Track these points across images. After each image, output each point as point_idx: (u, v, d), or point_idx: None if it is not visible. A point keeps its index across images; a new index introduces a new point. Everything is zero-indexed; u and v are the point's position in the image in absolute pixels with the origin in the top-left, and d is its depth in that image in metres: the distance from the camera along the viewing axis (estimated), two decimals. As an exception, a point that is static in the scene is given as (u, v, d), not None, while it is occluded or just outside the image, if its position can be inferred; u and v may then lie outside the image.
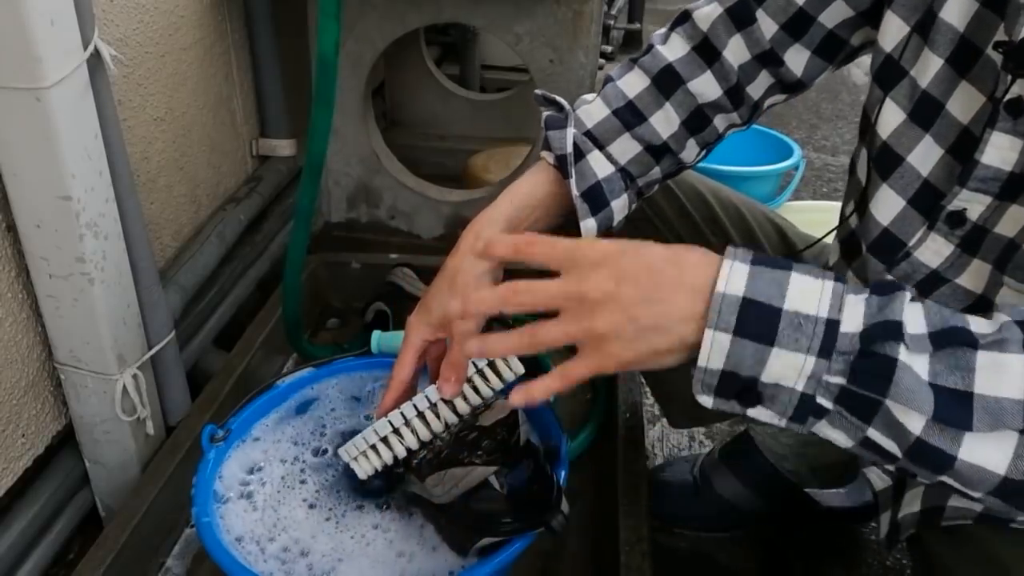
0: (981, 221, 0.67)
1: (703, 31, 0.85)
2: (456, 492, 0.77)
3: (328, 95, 1.02)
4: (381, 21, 1.52)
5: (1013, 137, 0.63)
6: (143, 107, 1.25)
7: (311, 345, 1.38)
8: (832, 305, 0.52)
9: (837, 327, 0.51)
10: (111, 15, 1.15)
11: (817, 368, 0.52)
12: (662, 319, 0.55)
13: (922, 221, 0.71)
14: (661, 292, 0.55)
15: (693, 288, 0.54)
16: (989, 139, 0.64)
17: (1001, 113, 0.63)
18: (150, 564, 1.05)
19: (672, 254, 0.57)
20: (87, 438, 1.10)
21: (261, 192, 1.59)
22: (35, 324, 1.03)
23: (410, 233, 1.74)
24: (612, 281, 0.56)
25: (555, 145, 0.85)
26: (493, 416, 0.80)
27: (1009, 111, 0.63)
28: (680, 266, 0.56)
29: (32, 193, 0.92)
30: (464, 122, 2.22)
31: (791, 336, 0.52)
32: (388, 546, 0.83)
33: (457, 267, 0.81)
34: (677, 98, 0.86)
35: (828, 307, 0.52)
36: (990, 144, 0.64)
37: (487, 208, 0.84)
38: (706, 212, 0.97)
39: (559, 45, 1.51)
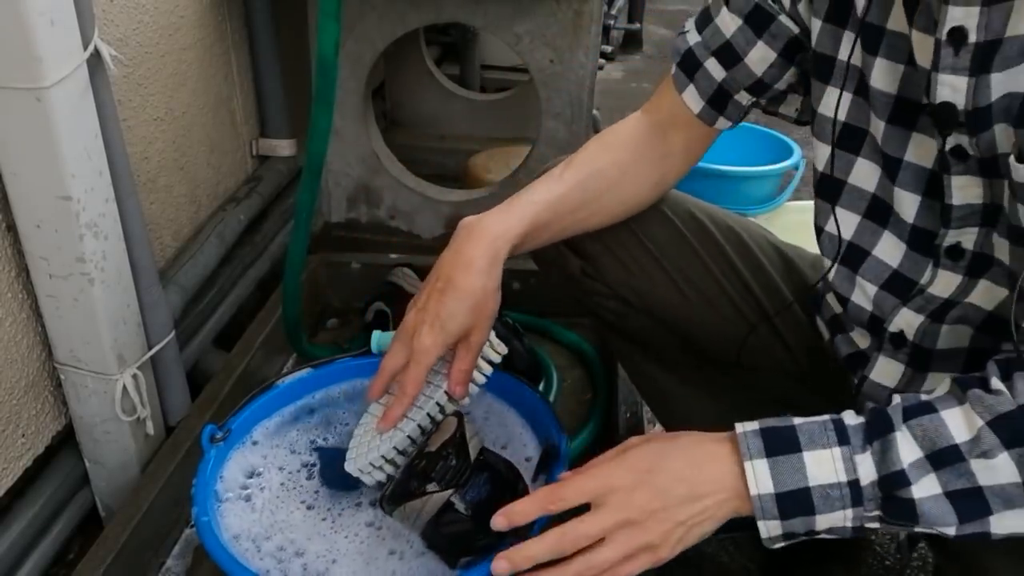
0: (978, 248, 0.72)
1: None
2: (422, 522, 0.78)
3: (328, 95, 1.03)
4: (381, 21, 1.52)
5: (970, 176, 0.69)
6: (143, 107, 1.25)
7: (311, 345, 1.38)
8: (847, 468, 0.63)
9: (859, 485, 0.62)
10: (111, 15, 1.15)
11: (856, 514, 0.63)
12: (706, 514, 0.66)
13: (926, 260, 0.76)
14: (698, 489, 0.66)
15: (724, 481, 0.66)
16: (951, 184, 0.70)
17: (950, 159, 0.69)
18: (150, 564, 1.05)
19: (691, 459, 0.67)
20: (87, 438, 1.10)
21: (261, 192, 1.59)
22: (35, 324, 1.03)
23: (410, 233, 1.74)
24: (652, 499, 0.66)
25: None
26: (440, 438, 0.80)
27: (956, 157, 0.69)
28: (701, 468, 0.66)
29: (32, 193, 0.92)
30: (464, 122, 2.22)
31: (826, 503, 0.63)
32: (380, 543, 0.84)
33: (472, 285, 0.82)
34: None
35: (845, 471, 0.63)
36: (953, 187, 0.70)
37: (485, 218, 0.85)
38: (703, 236, 0.97)
39: (559, 45, 1.51)
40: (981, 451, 0.59)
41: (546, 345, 1.51)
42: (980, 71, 0.64)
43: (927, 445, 0.61)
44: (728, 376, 1.01)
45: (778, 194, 2.02)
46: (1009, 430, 0.59)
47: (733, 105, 0.89)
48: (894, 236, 0.78)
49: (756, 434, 0.65)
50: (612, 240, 0.96)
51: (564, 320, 1.54)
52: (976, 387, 0.62)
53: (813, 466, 0.63)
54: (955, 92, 0.66)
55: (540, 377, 1.39)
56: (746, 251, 0.97)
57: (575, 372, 1.47)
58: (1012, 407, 0.60)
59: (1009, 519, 0.60)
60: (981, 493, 0.60)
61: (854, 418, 0.65)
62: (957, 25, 0.64)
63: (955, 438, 0.61)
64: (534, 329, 1.52)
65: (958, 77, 0.65)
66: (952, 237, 0.72)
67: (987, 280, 0.73)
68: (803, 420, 0.66)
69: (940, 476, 0.61)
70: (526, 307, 1.52)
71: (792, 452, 0.64)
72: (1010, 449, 0.59)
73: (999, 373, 0.62)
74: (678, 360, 1.03)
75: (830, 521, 0.64)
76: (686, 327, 0.98)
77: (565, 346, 1.52)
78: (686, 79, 0.89)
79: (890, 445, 0.62)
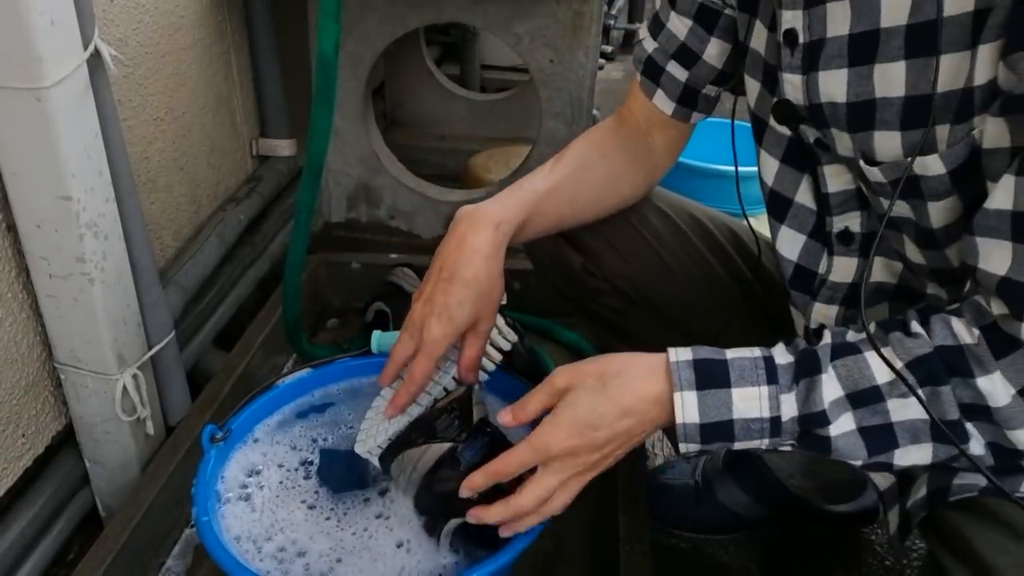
0: (866, 230, 0.77)
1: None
2: (417, 476, 0.78)
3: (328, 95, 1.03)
4: (381, 22, 1.52)
5: (837, 164, 0.74)
6: (143, 107, 1.25)
7: (311, 345, 1.38)
8: (771, 407, 0.65)
9: (780, 421, 0.65)
10: (111, 15, 1.15)
11: (772, 443, 0.67)
12: (638, 434, 0.71)
13: (821, 248, 0.81)
14: (635, 429, 0.70)
15: (655, 403, 0.69)
16: (823, 172, 0.76)
17: (816, 150, 0.74)
18: (150, 564, 1.05)
19: (622, 405, 0.69)
20: (87, 438, 1.10)
21: (261, 192, 1.59)
22: (35, 324, 1.03)
23: (410, 233, 1.74)
24: (592, 453, 0.71)
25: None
26: (447, 396, 0.83)
27: (820, 148, 0.74)
28: (634, 412, 0.69)
29: (32, 193, 0.92)
30: (464, 122, 2.22)
31: (746, 433, 0.66)
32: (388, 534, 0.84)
33: (476, 272, 0.82)
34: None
35: (768, 409, 0.65)
36: (826, 176, 0.76)
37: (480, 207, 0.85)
38: (700, 231, 1.00)
39: (559, 45, 1.51)
40: (900, 392, 0.63)
41: (546, 345, 1.51)
42: (809, 69, 0.69)
43: (849, 384, 0.64)
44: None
45: (778, 194, 2.02)
46: (925, 370, 0.62)
47: (703, 99, 0.93)
48: (792, 230, 0.82)
49: (689, 365, 0.67)
50: (612, 235, 0.98)
51: (564, 320, 1.54)
52: (898, 330, 0.65)
53: (739, 401, 0.66)
54: (795, 89, 0.72)
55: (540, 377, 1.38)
56: (741, 245, 1.01)
57: (575, 372, 1.47)
58: (928, 350, 0.62)
59: (912, 453, 0.64)
60: (891, 428, 0.64)
61: (784, 356, 0.67)
62: (789, 27, 0.70)
63: (876, 379, 0.63)
64: (534, 329, 1.52)
65: (795, 75, 0.71)
66: (839, 223, 0.77)
67: (882, 256, 0.77)
68: (735, 354, 0.68)
69: (856, 414, 0.64)
70: (526, 307, 1.53)
71: (721, 387, 0.66)
72: (923, 387, 0.62)
73: (918, 318, 0.65)
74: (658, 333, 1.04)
75: (746, 445, 0.67)
76: (685, 324, 0.99)
77: (565, 346, 1.52)
78: (653, 84, 0.93)
79: (814, 386, 0.64)
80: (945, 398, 0.62)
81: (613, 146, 0.95)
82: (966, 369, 0.61)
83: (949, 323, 0.63)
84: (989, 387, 0.61)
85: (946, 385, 0.62)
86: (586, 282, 1.01)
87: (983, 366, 0.61)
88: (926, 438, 0.63)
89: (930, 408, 0.62)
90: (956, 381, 0.62)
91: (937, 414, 0.62)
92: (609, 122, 0.98)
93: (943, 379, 0.62)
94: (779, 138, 0.79)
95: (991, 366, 0.60)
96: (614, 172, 0.94)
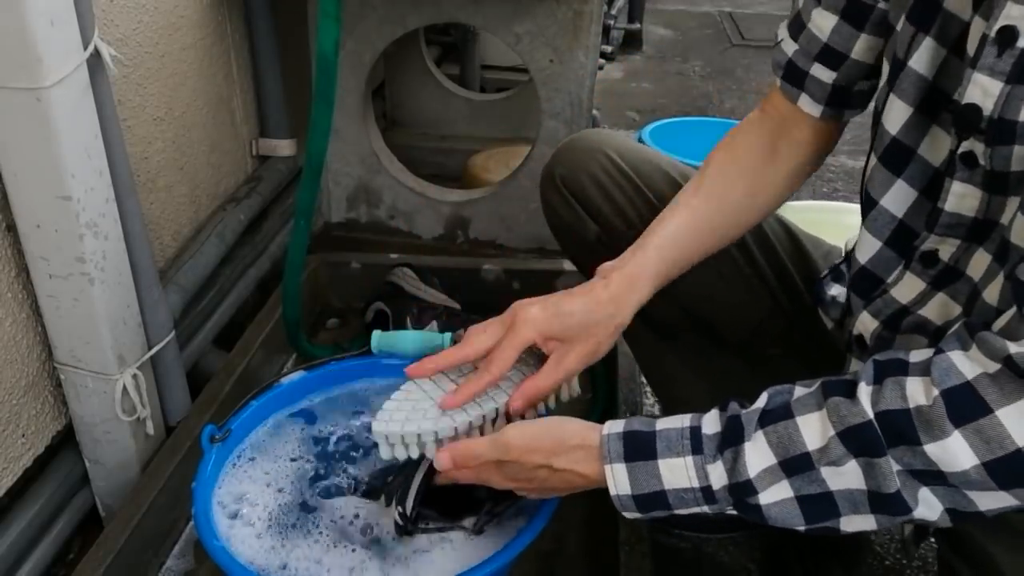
0: (952, 262, 0.70)
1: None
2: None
3: (328, 95, 1.03)
4: (381, 21, 1.52)
5: (970, 186, 0.65)
6: (143, 107, 1.25)
7: (311, 345, 1.38)
8: (699, 476, 0.66)
9: (711, 490, 0.66)
10: (111, 15, 1.15)
11: (712, 509, 0.67)
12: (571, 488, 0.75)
13: (898, 260, 0.75)
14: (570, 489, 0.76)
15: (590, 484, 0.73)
16: (950, 188, 0.67)
17: (957, 164, 0.65)
18: (150, 564, 1.05)
19: (562, 479, 0.73)
20: (87, 438, 1.10)
21: (261, 192, 1.58)
22: (35, 324, 1.03)
23: (410, 233, 1.74)
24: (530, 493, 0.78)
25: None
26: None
27: (964, 163, 0.65)
28: (572, 486, 0.74)
29: (32, 193, 0.92)
30: (464, 122, 2.22)
31: (681, 502, 0.67)
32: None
33: (619, 303, 0.82)
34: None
35: (697, 479, 0.66)
36: (951, 193, 0.67)
37: (632, 255, 0.84)
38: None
39: (559, 45, 1.51)
40: (829, 460, 0.61)
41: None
42: (1018, 80, 0.58)
43: (780, 452, 0.63)
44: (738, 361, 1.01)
45: (778, 194, 2.02)
46: (857, 441, 0.60)
47: (857, 96, 0.85)
48: (869, 233, 0.77)
49: (618, 438, 0.70)
50: (631, 209, 0.97)
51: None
52: (838, 394, 0.63)
53: (667, 472, 0.67)
54: (986, 96, 0.60)
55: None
56: (759, 231, 0.97)
57: (575, 372, 1.47)
58: (863, 420, 0.60)
59: (856, 520, 0.63)
60: (831, 497, 0.62)
61: (713, 424, 0.67)
62: (1010, 24, 0.58)
63: (807, 445, 0.62)
64: (534, 329, 1.52)
65: (994, 80, 0.60)
66: (932, 243, 0.71)
67: (945, 294, 0.72)
68: (665, 424, 0.69)
69: (792, 482, 0.63)
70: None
71: (648, 459, 0.68)
72: (858, 458, 0.60)
73: (872, 376, 0.62)
74: (687, 341, 1.03)
75: (689, 510, 0.68)
76: (698, 303, 0.98)
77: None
78: (795, 89, 0.86)
79: (738, 455, 0.64)
80: (881, 470, 0.59)
81: (754, 165, 0.88)
82: (910, 436, 0.58)
83: (902, 384, 0.60)
84: (939, 453, 0.57)
85: (882, 456, 0.59)
86: (600, 253, 0.99)
87: (931, 432, 0.57)
88: (865, 508, 0.62)
89: (866, 479, 0.60)
90: (899, 450, 0.59)
91: (873, 486, 0.60)
92: (751, 129, 0.91)
93: (879, 450, 0.59)
94: (883, 135, 0.73)
95: (944, 429, 0.57)
96: (753, 188, 0.88)
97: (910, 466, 0.59)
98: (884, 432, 0.59)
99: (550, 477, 0.73)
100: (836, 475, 0.61)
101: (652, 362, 1.12)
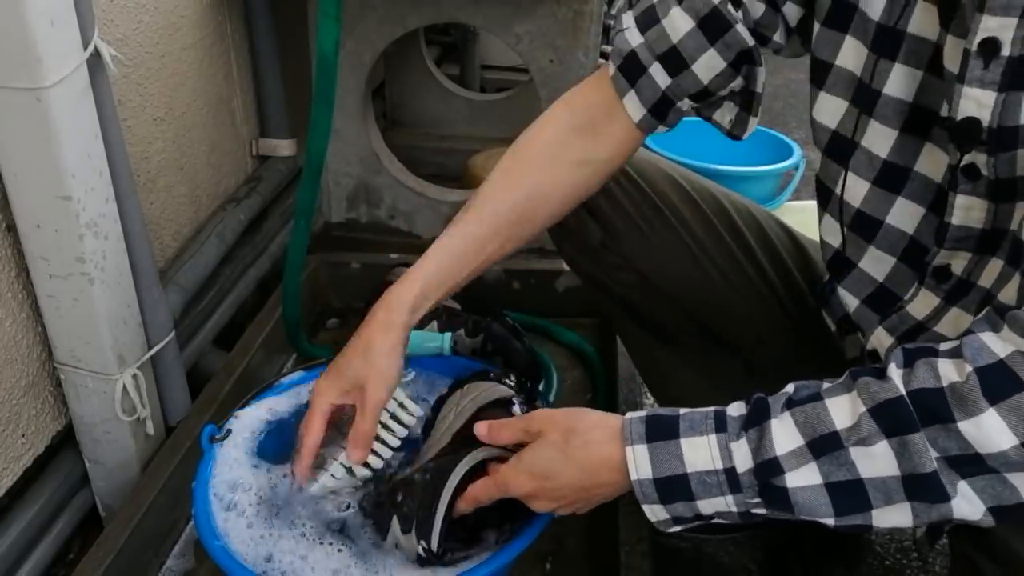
0: (965, 275, 0.70)
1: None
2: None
3: (328, 95, 1.03)
4: (381, 21, 1.52)
5: (975, 198, 0.66)
6: (143, 107, 1.25)
7: (311, 345, 1.38)
8: (723, 456, 0.63)
9: (735, 472, 0.63)
10: (111, 15, 1.15)
11: (737, 501, 0.64)
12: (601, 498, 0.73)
13: (913, 276, 0.75)
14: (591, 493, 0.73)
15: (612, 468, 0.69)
16: (954, 202, 0.67)
17: (960, 177, 0.66)
18: (150, 564, 1.05)
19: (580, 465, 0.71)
20: (87, 438, 1.10)
21: (261, 192, 1.58)
22: (35, 324, 1.03)
23: (410, 233, 1.74)
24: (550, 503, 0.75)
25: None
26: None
27: (966, 176, 0.65)
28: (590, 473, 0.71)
29: (32, 193, 0.92)
30: (464, 122, 2.22)
31: (704, 489, 0.64)
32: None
33: (370, 339, 0.86)
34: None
35: (720, 459, 0.64)
36: (956, 207, 0.67)
37: (397, 283, 0.89)
38: (724, 218, 0.97)
39: (559, 45, 1.51)
40: (859, 438, 0.59)
41: (546, 345, 1.51)
42: (1011, 87, 0.59)
43: (808, 432, 0.61)
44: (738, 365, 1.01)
45: (778, 194, 2.02)
46: (889, 417, 0.58)
47: (674, 112, 0.85)
48: (880, 250, 0.77)
49: (641, 421, 0.68)
50: (636, 213, 0.96)
51: (564, 320, 1.54)
52: (868, 376, 0.61)
53: (690, 452, 0.64)
54: (981, 107, 0.61)
55: (540, 377, 1.39)
56: (764, 237, 0.98)
57: (575, 372, 1.47)
58: (895, 395, 0.58)
59: (891, 514, 0.60)
60: (862, 486, 0.59)
61: (738, 408, 0.66)
62: (990, 36, 0.59)
63: (836, 424, 0.60)
64: (534, 329, 1.52)
65: (986, 92, 0.61)
66: (943, 258, 0.71)
67: (959, 308, 0.72)
68: (690, 410, 0.67)
69: (821, 465, 0.60)
70: (526, 307, 1.52)
71: (670, 438, 0.66)
72: (890, 438, 0.58)
73: (902, 360, 0.61)
74: (688, 344, 1.03)
75: (713, 507, 0.65)
76: (703, 308, 0.98)
77: (565, 346, 1.52)
78: (627, 84, 0.84)
79: (764, 432, 0.62)
80: (915, 448, 0.57)
81: (543, 165, 0.87)
82: (944, 413, 0.56)
83: (934, 364, 0.58)
84: (974, 432, 0.55)
85: (917, 433, 0.57)
86: (603, 256, 0.99)
87: (966, 408, 0.55)
88: (900, 496, 0.59)
89: (899, 461, 0.58)
90: (934, 430, 0.57)
91: (907, 468, 0.58)
92: (552, 119, 0.89)
93: (912, 426, 0.57)
94: (871, 158, 0.74)
95: (979, 405, 0.55)
96: (540, 199, 0.88)
97: (946, 451, 0.57)
98: (917, 409, 0.57)
99: (571, 460, 0.71)
100: (867, 458, 0.59)
101: (650, 365, 1.12)
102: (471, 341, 1.31)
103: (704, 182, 1.00)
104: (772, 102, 2.01)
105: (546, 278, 1.56)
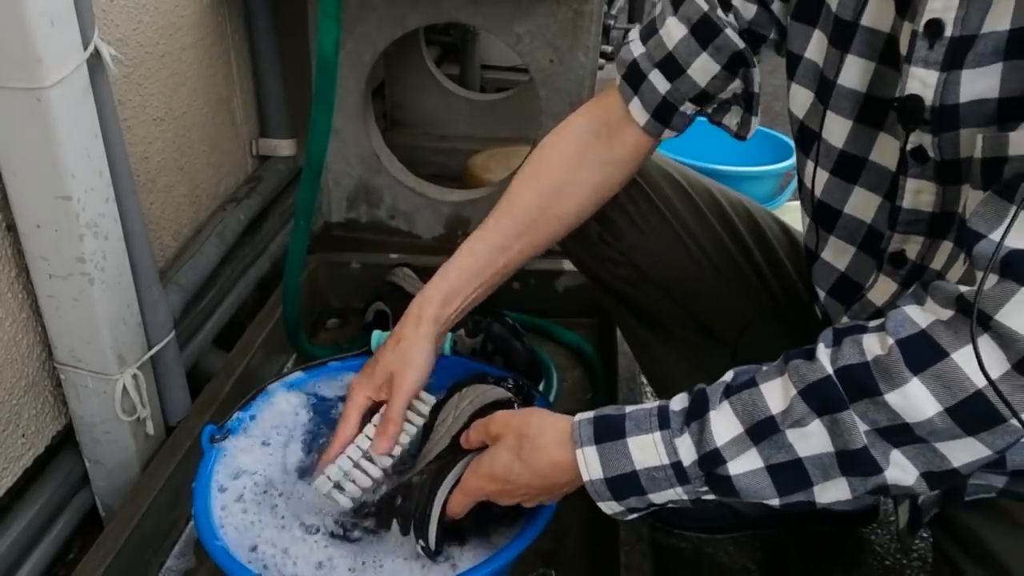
0: (919, 259, 0.72)
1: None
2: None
3: (328, 95, 1.03)
4: (381, 21, 1.51)
5: (924, 181, 0.68)
6: (143, 107, 1.25)
7: (311, 345, 1.38)
8: (668, 452, 0.66)
9: (682, 466, 0.66)
10: (111, 15, 1.15)
11: (687, 491, 0.67)
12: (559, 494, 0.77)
13: (873, 264, 0.77)
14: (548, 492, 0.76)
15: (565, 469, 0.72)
16: (905, 185, 0.69)
17: (909, 160, 0.68)
18: (150, 564, 1.05)
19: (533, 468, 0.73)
20: (87, 438, 1.10)
21: (261, 192, 1.58)
22: (35, 324, 1.03)
23: (410, 233, 1.74)
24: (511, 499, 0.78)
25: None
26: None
27: (915, 158, 0.67)
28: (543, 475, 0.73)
29: (32, 193, 0.92)
30: (464, 122, 2.22)
31: (654, 484, 0.67)
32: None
33: (401, 333, 0.89)
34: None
35: (666, 454, 0.66)
36: (907, 190, 0.69)
37: (428, 284, 0.91)
38: (719, 212, 0.99)
39: (559, 45, 1.51)
40: (793, 420, 0.61)
41: (546, 345, 1.51)
42: (952, 66, 0.62)
43: (746, 419, 0.63)
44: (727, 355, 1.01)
45: (778, 194, 2.02)
46: (819, 397, 0.60)
47: (678, 116, 0.89)
48: (840, 240, 0.79)
49: (589, 422, 0.70)
50: (632, 208, 0.98)
51: (564, 320, 1.54)
52: (799, 358, 0.63)
53: (637, 451, 0.67)
54: (924, 86, 0.64)
55: (540, 377, 1.39)
56: (756, 229, 1.00)
57: (575, 372, 1.47)
58: (822, 375, 0.60)
59: (830, 489, 0.62)
60: (800, 464, 0.62)
61: (680, 402, 0.68)
62: (935, 17, 0.62)
63: (771, 409, 0.62)
64: (534, 329, 1.52)
65: (929, 71, 0.63)
66: (897, 243, 0.73)
67: None
68: (635, 407, 0.70)
69: (761, 450, 0.63)
70: (526, 307, 1.53)
71: (618, 438, 0.68)
72: (821, 416, 0.60)
73: (831, 340, 0.63)
74: (684, 338, 1.04)
75: (665, 497, 0.68)
76: (693, 299, 0.99)
77: (565, 346, 1.52)
78: (631, 91, 0.89)
79: (705, 425, 0.64)
80: (844, 426, 0.59)
81: (566, 165, 0.93)
82: (871, 386, 0.58)
83: (859, 340, 0.61)
84: (900, 402, 0.57)
85: (845, 411, 0.59)
86: (600, 250, 1.01)
87: (891, 379, 0.57)
88: (836, 472, 0.61)
89: (832, 438, 0.60)
90: (862, 404, 0.59)
91: (839, 445, 0.60)
92: (575, 124, 0.95)
93: (840, 404, 0.59)
94: (829, 149, 0.76)
95: (903, 376, 0.57)
96: (563, 197, 0.93)
97: (876, 423, 0.59)
98: (844, 386, 0.59)
99: (525, 463, 0.73)
100: (802, 438, 0.61)
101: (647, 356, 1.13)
102: (471, 341, 1.31)
103: (700, 178, 1.02)
104: (772, 102, 2.01)
105: (546, 278, 1.56)
